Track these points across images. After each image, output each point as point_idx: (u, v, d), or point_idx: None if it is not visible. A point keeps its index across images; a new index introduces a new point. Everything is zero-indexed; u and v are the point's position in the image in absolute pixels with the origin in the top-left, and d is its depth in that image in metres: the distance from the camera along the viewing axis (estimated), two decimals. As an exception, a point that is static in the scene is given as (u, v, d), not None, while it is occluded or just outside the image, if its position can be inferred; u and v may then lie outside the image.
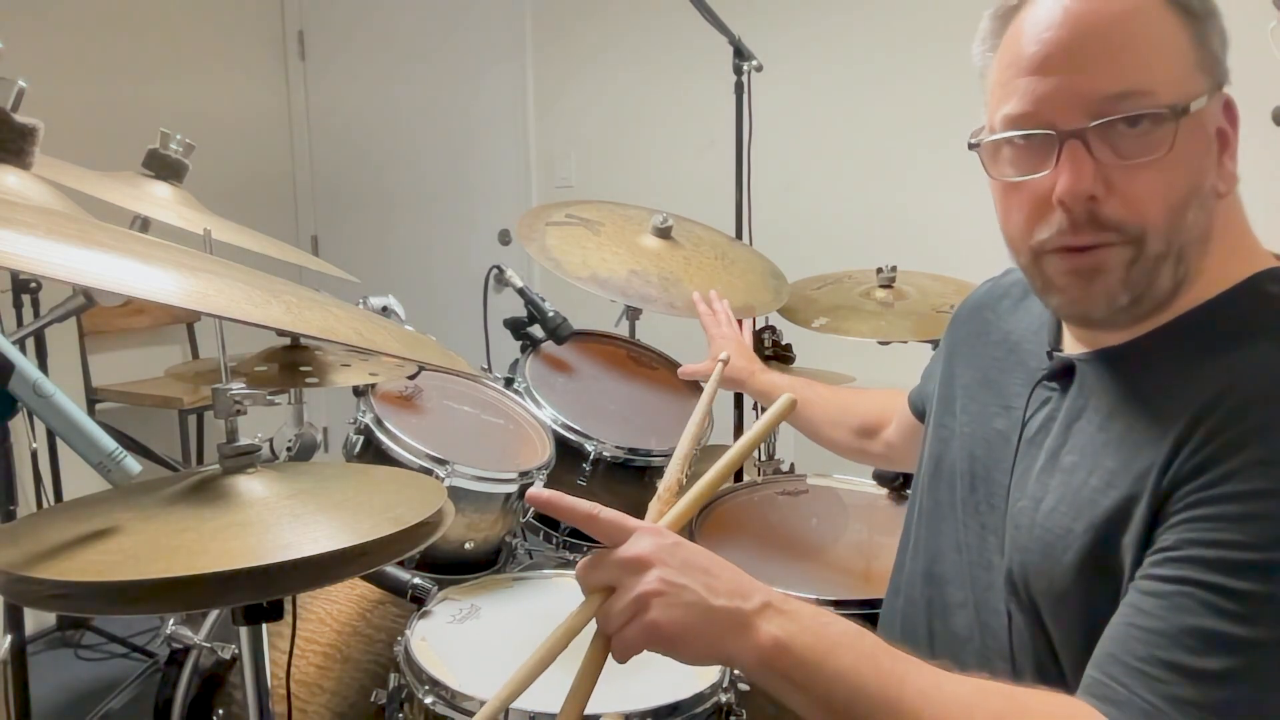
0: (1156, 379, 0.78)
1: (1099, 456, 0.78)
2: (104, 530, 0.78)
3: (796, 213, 3.14)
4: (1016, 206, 0.80)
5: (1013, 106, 0.77)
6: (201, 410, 3.02)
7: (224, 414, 0.89)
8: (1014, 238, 0.82)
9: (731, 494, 1.81)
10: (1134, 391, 0.79)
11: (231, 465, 0.88)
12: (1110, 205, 0.74)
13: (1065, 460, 0.82)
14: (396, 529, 0.81)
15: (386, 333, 0.82)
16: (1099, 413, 0.81)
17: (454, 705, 1.12)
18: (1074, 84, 0.74)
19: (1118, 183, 0.74)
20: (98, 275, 0.60)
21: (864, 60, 3.08)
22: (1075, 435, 0.82)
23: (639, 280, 1.79)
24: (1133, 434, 0.76)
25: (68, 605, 0.77)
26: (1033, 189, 0.77)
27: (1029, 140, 0.76)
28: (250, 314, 0.64)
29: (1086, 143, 0.73)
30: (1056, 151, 0.74)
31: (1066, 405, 0.85)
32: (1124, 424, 0.77)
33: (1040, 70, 0.75)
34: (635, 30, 3.46)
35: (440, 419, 1.71)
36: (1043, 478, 0.84)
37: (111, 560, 0.74)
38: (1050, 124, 0.75)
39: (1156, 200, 0.74)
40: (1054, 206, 0.75)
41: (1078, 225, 0.75)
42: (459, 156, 3.80)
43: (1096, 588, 0.76)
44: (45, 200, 1.00)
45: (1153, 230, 0.74)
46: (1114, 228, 0.75)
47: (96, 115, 2.99)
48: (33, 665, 1.19)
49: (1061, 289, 0.79)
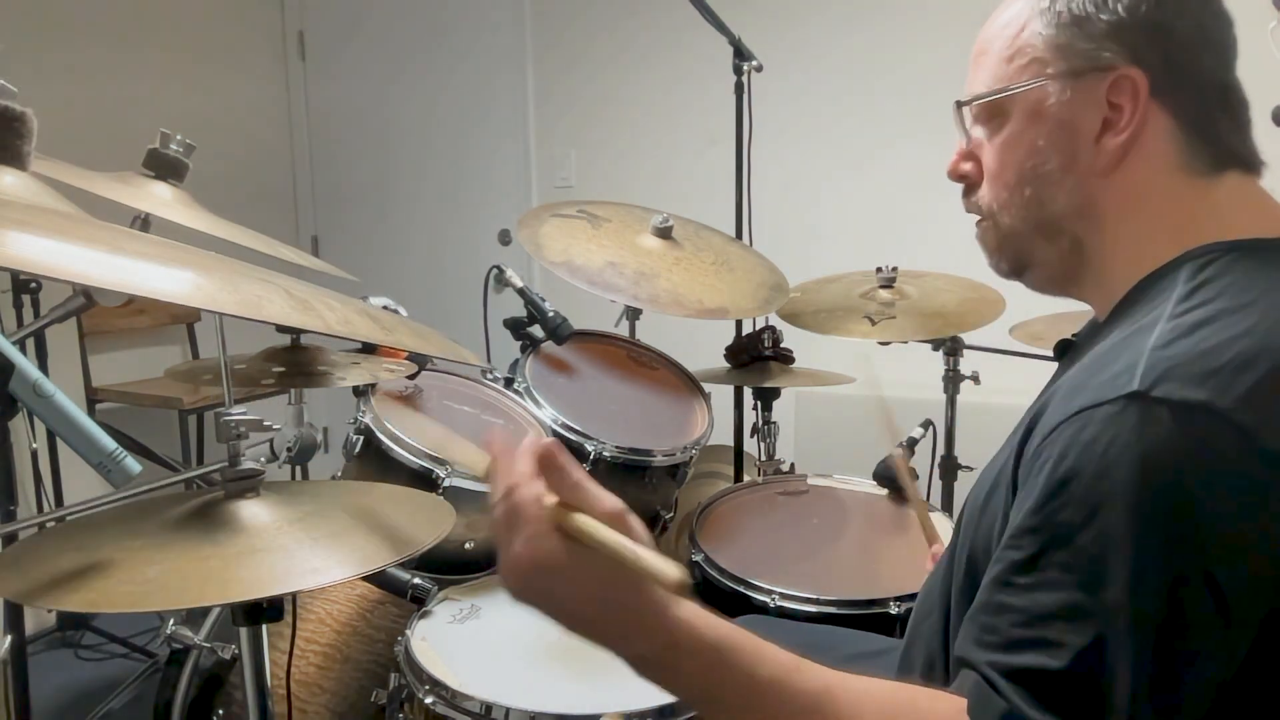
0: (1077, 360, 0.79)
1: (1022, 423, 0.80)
2: (108, 559, 0.78)
3: (796, 213, 3.14)
4: None
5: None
6: (201, 410, 3.02)
7: (225, 438, 0.89)
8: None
9: (732, 494, 1.81)
10: (1063, 371, 0.83)
11: (234, 489, 0.88)
12: (974, 186, 0.87)
13: (1018, 427, 0.84)
14: (404, 555, 0.81)
15: (404, 327, 0.82)
16: (1049, 388, 0.83)
17: (454, 705, 1.12)
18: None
19: (983, 164, 0.86)
20: (108, 276, 0.60)
21: (864, 60, 3.08)
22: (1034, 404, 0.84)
23: (612, 272, 1.78)
24: (1031, 410, 0.78)
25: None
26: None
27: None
28: (268, 312, 0.64)
29: (962, 123, 0.87)
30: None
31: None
32: (1040, 399, 0.80)
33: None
34: (635, 30, 3.46)
35: (440, 419, 1.71)
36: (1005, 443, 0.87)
37: (119, 592, 0.74)
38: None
39: (994, 180, 0.85)
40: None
41: (965, 201, 0.89)
42: (459, 156, 3.80)
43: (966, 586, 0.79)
44: (45, 200, 1.00)
45: (998, 207, 0.85)
46: (975, 206, 0.87)
47: (96, 115, 2.98)
48: (33, 665, 1.19)
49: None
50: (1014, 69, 0.82)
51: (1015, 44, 0.81)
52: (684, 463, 1.83)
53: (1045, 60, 0.80)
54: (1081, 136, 0.79)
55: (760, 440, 2.09)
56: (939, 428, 2.00)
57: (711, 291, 1.83)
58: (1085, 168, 0.80)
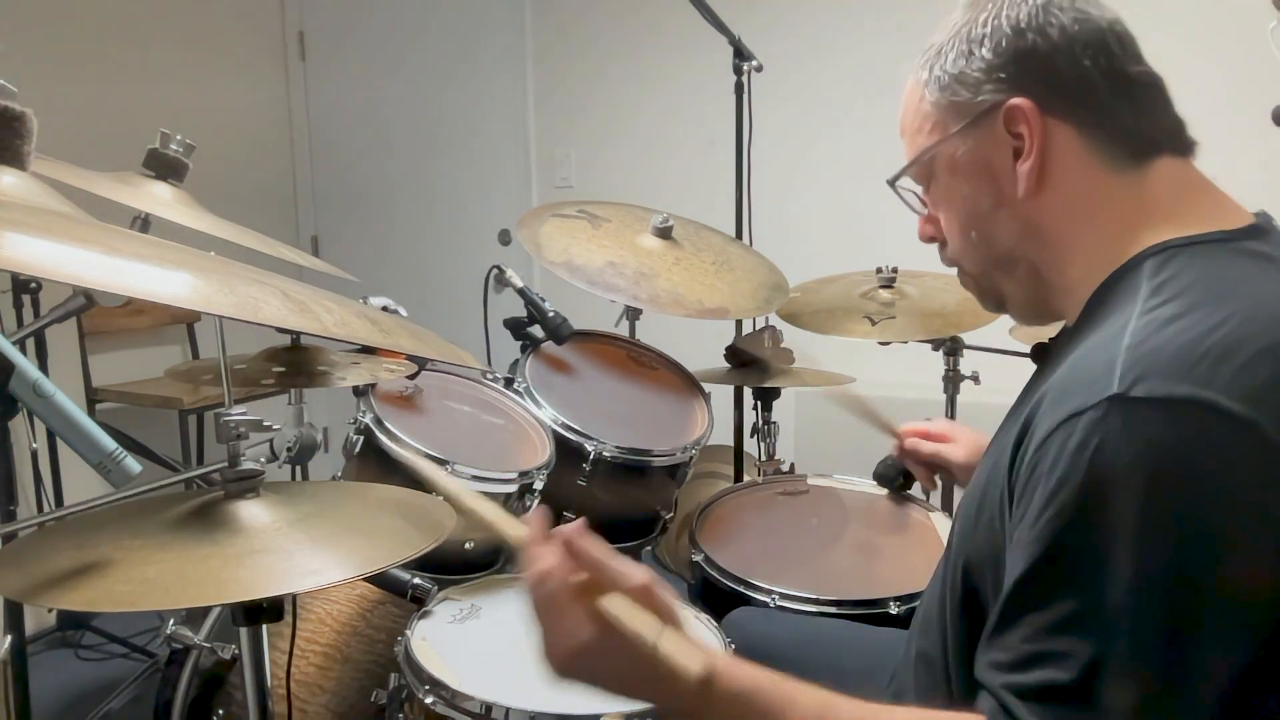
0: (1056, 363, 0.80)
1: (1009, 430, 0.80)
2: (108, 558, 0.78)
3: (796, 213, 3.14)
4: None
5: None
6: (201, 410, 3.02)
7: (225, 439, 0.89)
8: None
9: (732, 494, 1.81)
10: (1043, 374, 0.83)
11: (234, 490, 0.88)
12: (944, 244, 0.93)
13: (1002, 433, 0.85)
14: (405, 556, 0.81)
15: (402, 329, 0.82)
16: (1030, 392, 0.84)
17: (454, 705, 1.12)
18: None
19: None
20: (104, 278, 0.60)
21: (864, 60, 3.08)
22: (1018, 409, 0.84)
23: (612, 271, 1.79)
24: (1017, 416, 0.78)
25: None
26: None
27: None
28: (264, 314, 0.64)
29: (900, 197, 0.96)
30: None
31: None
32: (1023, 405, 0.80)
33: None
34: (635, 30, 3.46)
35: (440, 419, 1.71)
36: (990, 448, 0.89)
37: (119, 591, 0.74)
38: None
39: (949, 234, 0.91)
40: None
41: (941, 256, 0.95)
42: (459, 156, 3.80)
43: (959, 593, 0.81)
44: (45, 200, 1.00)
45: (959, 256, 0.92)
46: (949, 260, 0.94)
47: (96, 115, 2.98)
48: (33, 665, 1.19)
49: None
50: (924, 137, 0.89)
51: (918, 117, 0.89)
52: (684, 463, 1.83)
53: (944, 122, 0.86)
54: (1000, 172, 0.83)
55: (760, 440, 2.09)
56: (939, 428, 2.00)
57: (711, 291, 1.83)
58: (1013, 198, 0.83)
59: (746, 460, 2.25)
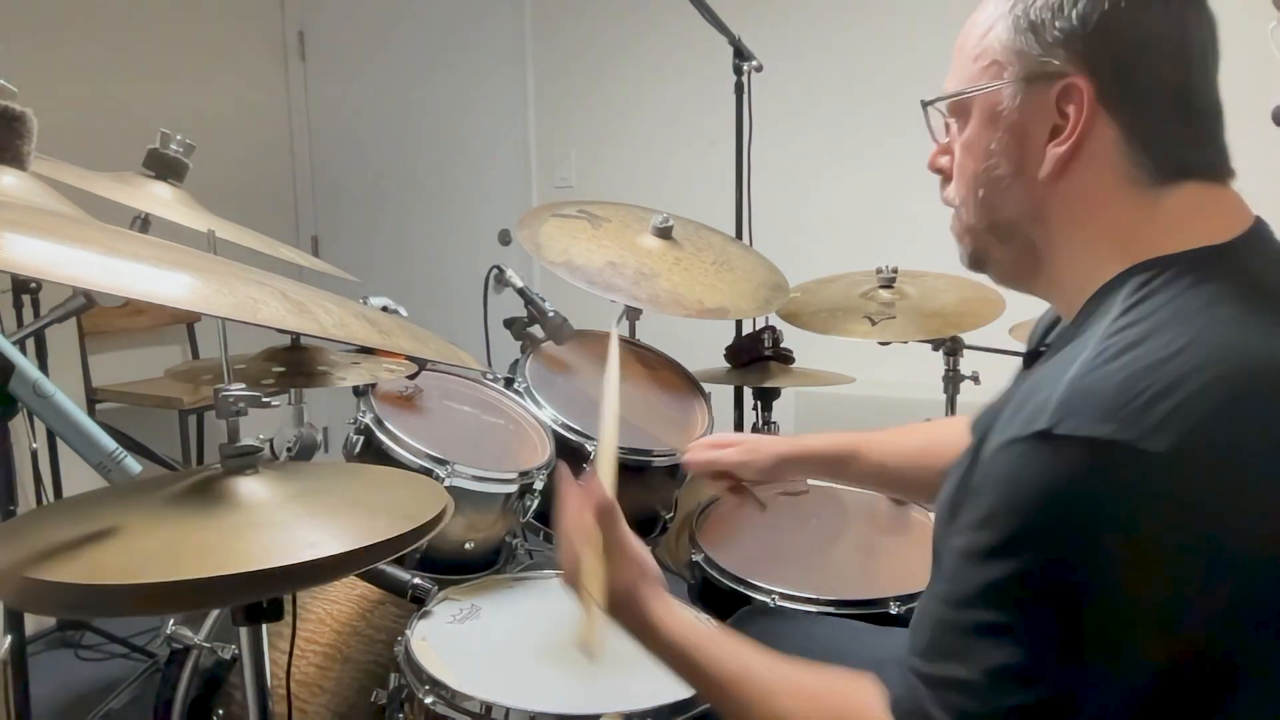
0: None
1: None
2: (107, 531, 0.78)
3: (796, 213, 3.14)
4: None
5: None
6: (201, 410, 3.02)
7: (225, 415, 0.89)
8: None
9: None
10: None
11: (233, 465, 0.88)
12: (949, 179, 0.89)
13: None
14: (402, 530, 0.81)
15: (402, 330, 0.82)
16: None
17: (454, 705, 1.12)
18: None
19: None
20: (102, 279, 0.60)
21: (864, 60, 3.08)
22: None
23: (612, 272, 1.79)
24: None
25: (70, 610, 0.77)
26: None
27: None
28: (262, 315, 0.64)
29: (928, 121, 0.90)
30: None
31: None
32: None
33: None
34: (635, 30, 3.46)
35: (440, 419, 1.71)
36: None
37: (116, 563, 0.74)
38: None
39: (957, 177, 0.87)
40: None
41: (941, 192, 0.90)
42: (459, 156, 3.80)
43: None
44: (45, 200, 1.00)
45: (959, 203, 0.87)
46: (947, 199, 0.89)
47: (96, 115, 2.98)
48: (33, 665, 1.19)
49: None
50: (977, 70, 0.83)
51: (981, 45, 0.82)
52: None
53: (1003, 64, 0.81)
54: (1031, 143, 0.80)
55: (760, 440, 2.08)
56: (939, 428, 2.00)
57: (711, 291, 1.83)
58: (1033, 174, 0.80)
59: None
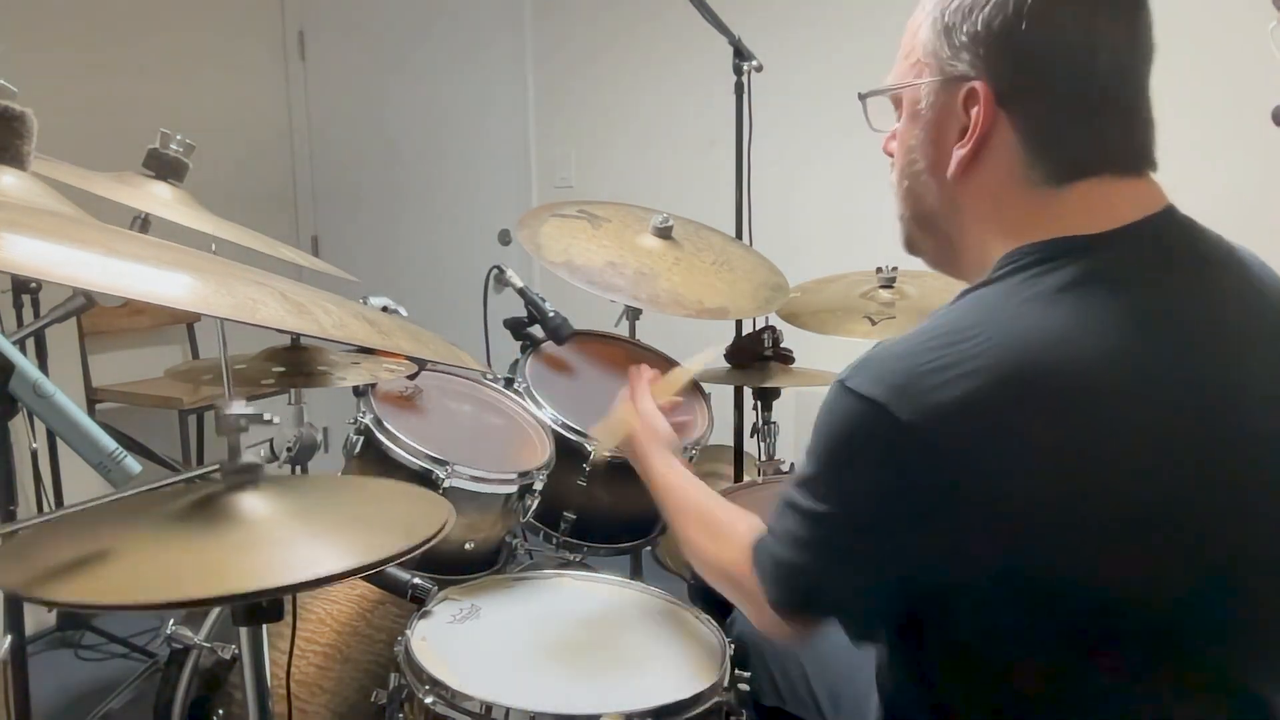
0: None
1: None
2: (108, 549, 0.78)
3: (796, 213, 3.14)
4: None
5: None
6: (201, 410, 3.02)
7: (226, 431, 0.89)
8: None
9: (731, 494, 1.81)
10: None
11: (234, 482, 0.87)
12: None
13: None
14: (404, 547, 0.81)
15: (401, 331, 0.82)
16: None
17: (454, 705, 1.12)
18: None
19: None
20: (101, 279, 0.60)
21: (864, 60, 3.07)
22: None
23: (612, 272, 1.79)
24: None
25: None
26: None
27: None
28: (260, 316, 0.64)
29: (866, 113, 0.96)
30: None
31: None
32: None
33: None
34: (635, 30, 3.46)
35: (440, 419, 1.71)
36: None
37: (119, 582, 0.74)
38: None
39: (894, 166, 0.92)
40: None
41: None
42: (459, 156, 3.80)
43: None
44: (45, 200, 1.00)
45: (894, 191, 0.93)
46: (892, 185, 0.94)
47: (96, 115, 2.98)
48: (33, 665, 1.19)
49: None
50: (906, 67, 0.87)
51: (911, 43, 0.86)
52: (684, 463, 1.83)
53: (923, 63, 0.85)
54: (943, 142, 0.84)
55: (760, 440, 2.09)
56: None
57: (711, 291, 1.83)
58: (943, 173, 0.85)
59: (746, 460, 2.25)
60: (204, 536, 0.81)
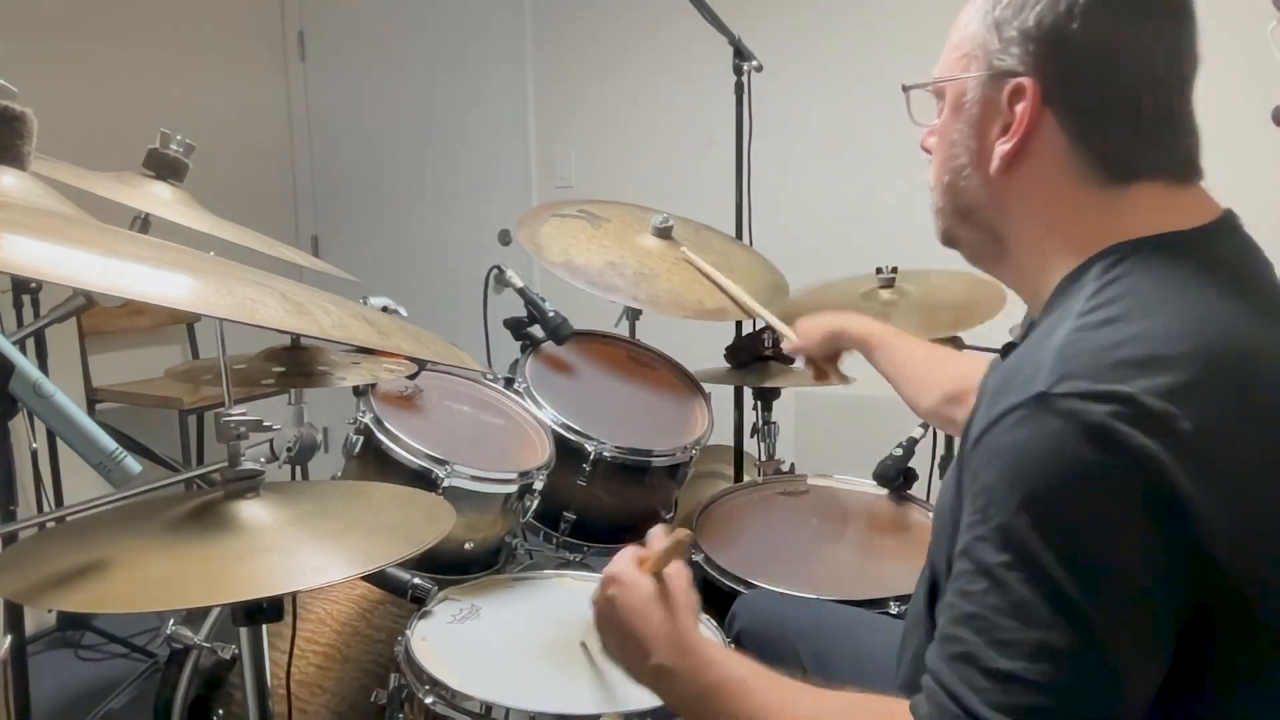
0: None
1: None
2: (109, 558, 0.78)
3: (796, 213, 3.14)
4: None
5: None
6: (201, 410, 3.02)
7: (226, 439, 0.89)
8: None
9: (731, 494, 1.81)
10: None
11: (234, 490, 0.88)
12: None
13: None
14: (404, 554, 0.81)
15: (401, 331, 0.82)
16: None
17: (454, 705, 1.12)
18: None
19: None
20: (100, 280, 0.60)
21: (864, 60, 3.07)
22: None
23: (612, 272, 1.79)
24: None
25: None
26: None
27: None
28: (261, 316, 0.64)
29: (908, 105, 0.92)
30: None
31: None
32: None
33: None
34: (635, 30, 3.46)
35: (440, 419, 1.71)
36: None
37: (120, 591, 0.74)
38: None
39: (934, 160, 0.89)
40: None
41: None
42: (459, 156, 3.79)
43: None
44: (45, 200, 1.00)
45: (933, 184, 0.90)
46: (929, 179, 0.91)
47: (96, 115, 2.98)
48: (33, 665, 1.19)
49: None
50: (953, 59, 0.86)
51: (960, 36, 0.85)
52: (684, 463, 1.83)
53: (971, 57, 0.83)
54: (988, 137, 0.83)
55: (760, 440, 2.08)
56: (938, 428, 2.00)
57: (711, 291, 1.83)
58: (986, 168, 0.83)
59: (746, 460, 2.25)
60: (205, 543, 0.82)
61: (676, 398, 1.97)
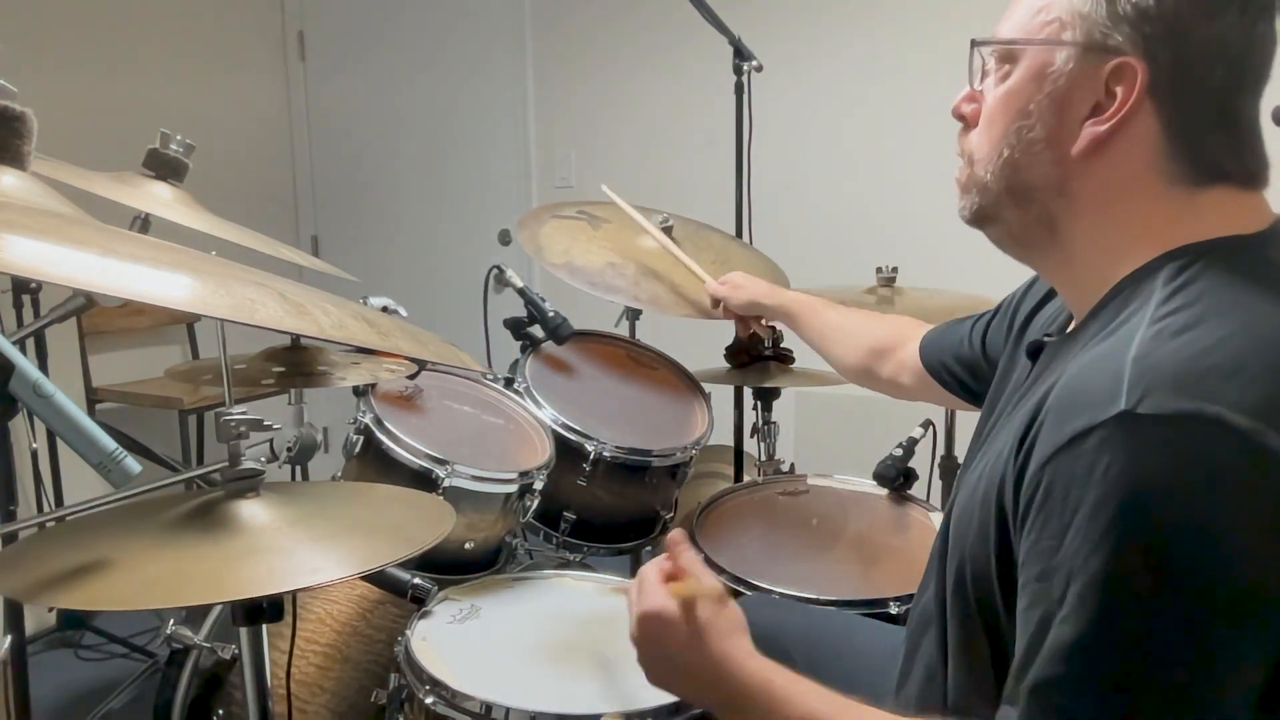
0: (1059, 367, 0.77)
1: (1006, 434, 0.78)
2: (109, 557, 0.78)
3: (796, 213, 3.14)
4: None
5: None
6: (201, 410, 3.02)
7: (226, 438, 0.89)
8: None
9: (731, 494, 1.81)
10: (1044, 378, 0.80)
11: (234, 489, 0.88)
12: (970, 128, 0.85)
13: (998, 433, 0.83)
14: (403, 554, 0.81)
15: (401, 331, 0.82)
16: (1030, 395, 0.81)
17: (454, 705, 1.12)
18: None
19: (982, 109, 0.84)
20: (99, 280, 0.60)
21: (864, 60, 3.07)
22: (1015, 412, 0.81)
23: (613, 272, 1.79)
24: (1014, 420, 0.77)
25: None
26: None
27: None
28: (259, 316, 0.64)
29: (971, 64, 0.84)
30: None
31: (1025, 384, 0.86)
32: (1022, 408, 0.78)
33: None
34: (635, 30, 3.46)
35: (440, 419, 1.71)
36: (984, 446, 0.87)
37: (121, 590, 0.74)
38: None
39: (984, 128, 0.83)
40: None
41: (959, 139, 0.87)
42: (459, 156, 3.80)
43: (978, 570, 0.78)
44: (45, 200, 1.00)
45: (978, 157, 0.83)
46: (963, 148, 0.86)
47: (96, 115, 2.98)
48: (33, 665, 1.19)
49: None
50: (1037, 23, 0.79)
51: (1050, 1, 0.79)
52: (684, 463, 1.83)
53: (1064, 23, 0.77)
54: (1071, 113, 0.77)
55: (760, 440, 2.08)
56: (939, 428, 2.00)
57: (703, 291, 1.83)
58: (1065, 147, 0.77)
59: (746, 460, 2.25)
60: (205, 543, 0.82)
61: (676, 398, 1.97)
